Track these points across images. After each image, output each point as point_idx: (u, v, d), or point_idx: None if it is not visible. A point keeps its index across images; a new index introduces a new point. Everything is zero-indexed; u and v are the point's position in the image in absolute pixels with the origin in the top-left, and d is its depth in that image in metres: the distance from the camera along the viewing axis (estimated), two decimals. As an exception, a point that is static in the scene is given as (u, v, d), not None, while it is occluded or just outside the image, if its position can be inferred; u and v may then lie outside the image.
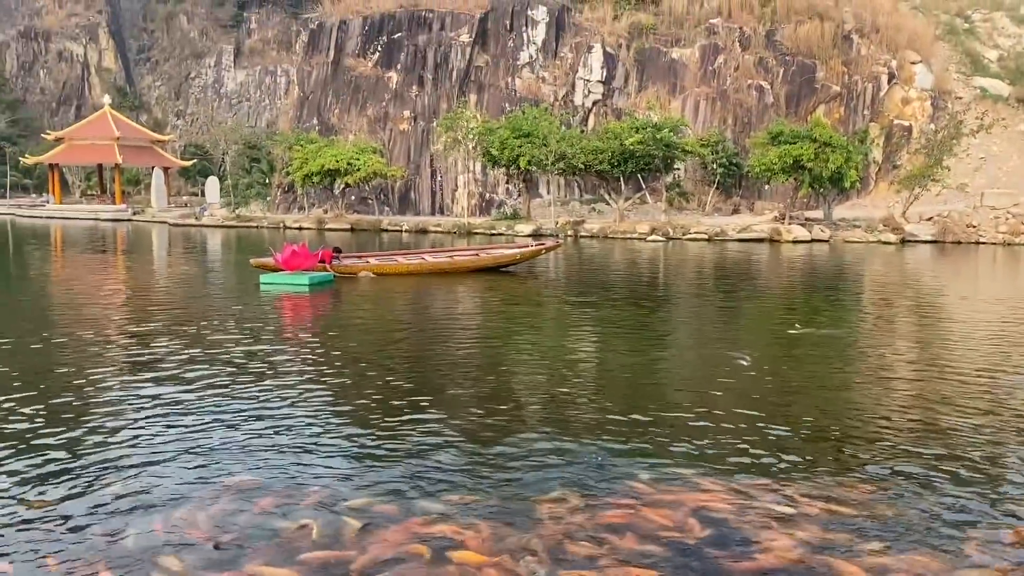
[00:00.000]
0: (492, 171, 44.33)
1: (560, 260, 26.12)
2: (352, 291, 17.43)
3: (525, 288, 18.65)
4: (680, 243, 33.16)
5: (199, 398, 8.45)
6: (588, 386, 9.07)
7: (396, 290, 17.59)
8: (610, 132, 38.15)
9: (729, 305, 15.73)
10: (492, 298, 16.68)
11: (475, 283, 18.90)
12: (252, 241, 35.48)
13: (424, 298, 16.80)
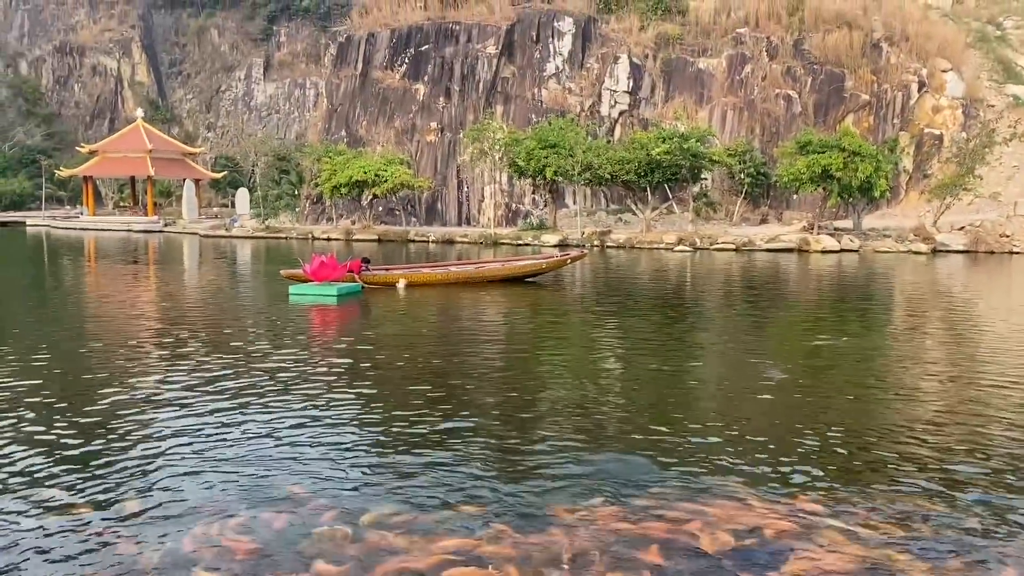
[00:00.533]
0: (518, 182, 44.40)
1: (586, 270, 26.01)
2: (379, 302, 17.48)
3: (551, 298, 18.61)
4: (707, 253, 32.96)
5: (229, 408, 8.52)
6: (614, 397, 9.02)
7: (423, 300, 17.62)
8: (637, 142, 38.08)
9: (757, 316, 15.60)
10: (518, 308, 16.67)
11: (501, 293, 18.89)
12: (281, 252, 35.76)
13: (450, 308, 16.82)
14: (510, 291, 19.31)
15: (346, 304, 17.33)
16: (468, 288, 19.65)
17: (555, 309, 16.66)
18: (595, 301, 17.99)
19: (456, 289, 19.44)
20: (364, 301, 17.80)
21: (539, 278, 21.70)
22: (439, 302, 17.58)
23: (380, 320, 15.17)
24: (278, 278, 20.58)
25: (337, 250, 33.71)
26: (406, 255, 33.08)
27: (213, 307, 16.69)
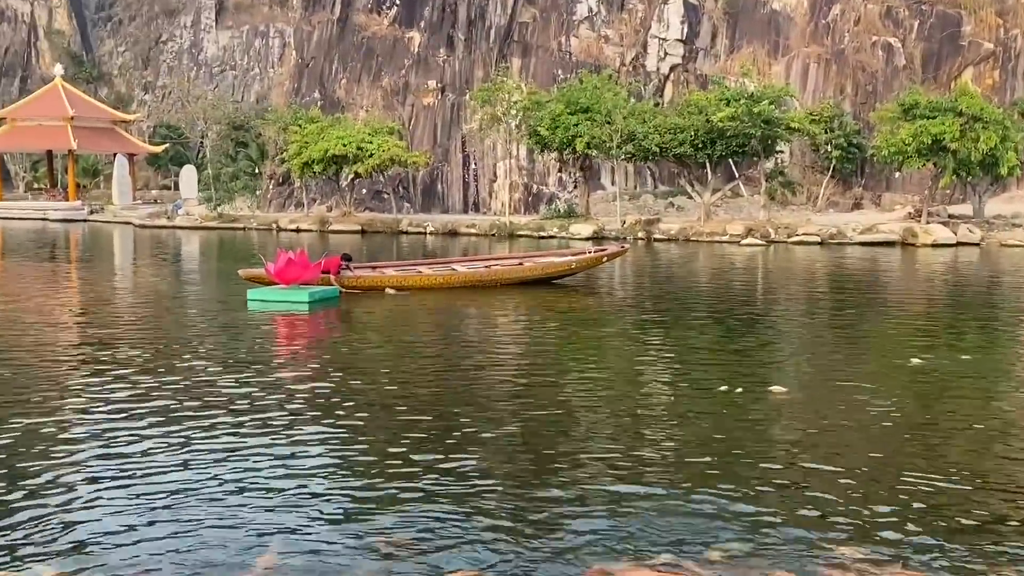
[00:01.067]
0: (541, 157, 44.53)
1: (628, 270, 26.02)
2: (362, 310, 17.55)
3: (582, 306, 18.65)
4: (784, 248, 32.90)
5: (169, 447, 8.55)
6: (660, 429, 9.03)
7: (419, 309, 17.68)
8: (693, 105, 38.12)
9: (849, 329, 15.57)
10: (540, 319, 16.72)
11: (518, 300, 18.92)
12: (238, 246, 35.95)
13: (454, 319, 16.86)
14: (530, 297, 19.34)
15: (320, 313, 17.37)
16: (476, 293, 19.71)
17: (588, 320, 16.67)
18: (639, 309, 17.99)
19: (461, 294, 19.51)
20: (343, 309, 17.84)
21: (567, 280, 21.73)
22: (439, 311, 17.63)
23: (363, 334, 15.23)
24: (234, 280, 20.72)
25: (309, 244, 33.92)
26: (397, 250, 33.19)
27: (151, 317, 16.81)
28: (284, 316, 16.82)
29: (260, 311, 17.21)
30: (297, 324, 16.32)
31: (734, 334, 14.90)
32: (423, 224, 41.55)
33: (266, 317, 16.74)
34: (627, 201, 43.31)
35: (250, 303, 17.88)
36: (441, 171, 48.79)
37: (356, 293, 19.40)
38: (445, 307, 18.00)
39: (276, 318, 16.64)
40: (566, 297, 19.84)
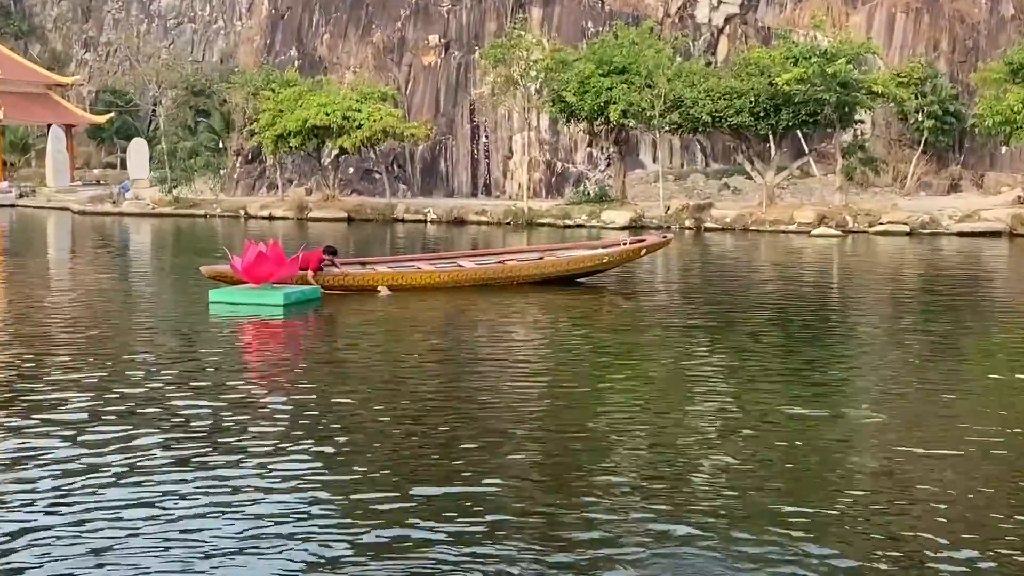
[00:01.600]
0: (566, 128, 44.49)
1: (672, 266, 26.00)
2: (349, 315, 17.59)
3: (616, 310, 18.63)
4: (865, 239, 32.79)
5: (112, 482, 8.58)
6: (711, 459, 9.04)
7: (418, 314, 17.72)
8: (754, 65, 37.98)
9: (943, 339, 15.52)
10: (564, 326, 16.73)
11: (538, 302, 18.92)
12: (199, 237, 36.00)
13: (459, 326, 16.88)
14: (553, 299, 19.35)
15: (297, 318, 17.40)
16: (488, 293, 19.73)
17: (623, 327, 16.67)
18: (686, 314, 17.98)
19: (469, 296, 19.53)
20: (325, 314, 17.88)
21: (598, 278, 21.73)
22: (442, 316, 17.65)
23: (350, 345, 15.26)
24: (195, 278, 20.80)
25: (284, 235, 33.94)
26: (391, 242, 33.20)
27: (91, 325, 16.87)
28: (254, 322, 16.85)
29: (224, 316, 17.25)
30: (269, 332, 16.35)
31: (803, 345, 14.87)
32: (423, 210, 41.61)
33: (232, 323, 16.79)
34: (672, 182, 43.24)
35: (212, 306, 17.92)
36: (445, 146, 48.82)
37: (342, 294, 19.41)
38: (449, 311, 18.02)
39: (244, 325, 16.68)
40: (596, 299, 19.81)
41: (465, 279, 20.45)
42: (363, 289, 19.84)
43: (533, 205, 40.76)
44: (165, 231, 38.24)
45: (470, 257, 22.57)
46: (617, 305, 19.54)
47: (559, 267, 21.16)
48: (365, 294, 19.57)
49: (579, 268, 21.31)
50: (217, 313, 17.50)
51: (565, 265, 21.23)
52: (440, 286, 20.18)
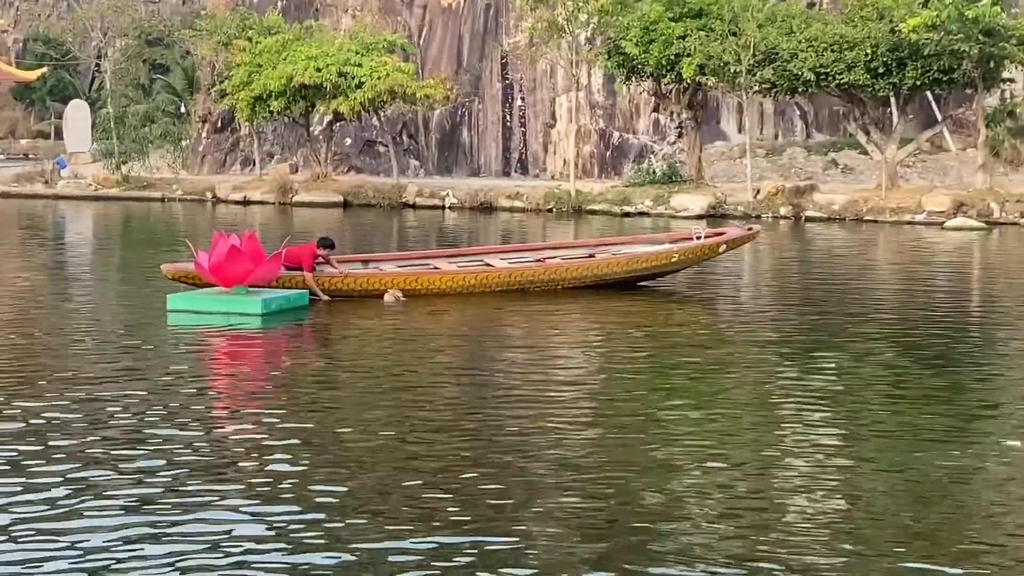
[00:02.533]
0: (626, 88, 44.31)
1: (761, 265, 25.96)
2: (346, 326, 17.59)
3: (688, 322, 18.58)
4: (1016, 232, 32.59)
5: (46, 537, 8.57)
6: (808, 510, 8.97)
7: (433, 326, 17.74)
8: (871, 8, 37.77)
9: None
10: (620, 342, 16.68)
11: (588, 313, 18.88)
12: (154, 227, 36.06)
13: (485, 343, 16.85)
14: (608, 308, 19.33)
15: (279, 331, 17.42)
16: (523, 301, 19.75)
17: (697, 343, 16.62)
18: (778, 327, 17.95)
19: (500, 302, 19.56)
20: (315, 326, 17.90)
21: (665, 281, 21.78)
22: (464, 330, 17.67)
23: (345, 367, 15.22)
24: (152, 278, 20.90)
25: (263, 224, 33.99)
26: (399, 234, 33.22)
27: (17, 340, 16.88)
28: (223, 336, 16.87)
29: (186, 328, 17.28)
30: (243, 349, 16.38)
31: (935, 364, 14.77)
32: (440, 193, 41.68)
33: (195, 338, 16.82)
34: (763, 158, 43.14)
35: (171, 316, 17.96)
36: (469, 111, 48.89)
37: (334, 300, 19.39)
38: (473, 323, 18.01)
39: (210, 340, 16.70)
40: (663, 308, 19.78)
41: (494, 282, 20.40)
42: (364, 294, 19.79)
43: (582, 187, 40.73)
44: (112, 219, 38.43)
45: (500, 254, 22.51)
46: (690, 316, 19.48)
47: (615, 267, 21.11)
48: (365, 300, 19.55)
49: (640, 269, 21.27)
50: (177, 324, 17.50)
51: (623, 265, 21.17)
52: (462, 291, 20.15)
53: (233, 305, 18.11)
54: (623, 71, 40.83)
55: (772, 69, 37.69)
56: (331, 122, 44.63)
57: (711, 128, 44.82)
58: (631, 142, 46.87)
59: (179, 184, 45.86)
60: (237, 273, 18.43)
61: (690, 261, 21.79)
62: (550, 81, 47.54)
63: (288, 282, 19.29)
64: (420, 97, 43.11)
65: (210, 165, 50.12)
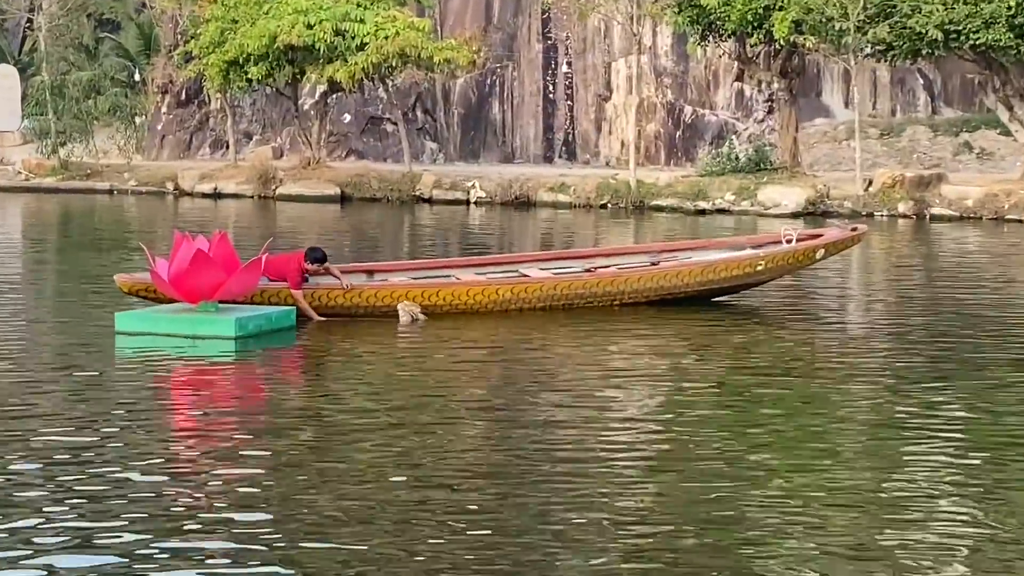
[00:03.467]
0: (700, 51, 44.23)
1: (872, 275, 25.97)
2: (345, 355, 17.64)
3: (778, 346, 18.61)
4: None
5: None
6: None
7: (454, 353, 17.79)
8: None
9: None
10: (695, 371, 16.69)
11: (652, 335, 18.95)
12: (100, 225, 35.95)
13: (521, 378, 16.78)
14: (677, 328, 19.42)
15: (259, 357, 17.52)
16: (570, 321, 19.83)
17: (792, 372, 16.65)
18: (892, 354, 17.97)
19: (539, 323, 19.68)
20: (305, 350, 17.99)
21: (747, 295, 21.98)
22: (494, 355, 17.71)
23: (342, 408, 15.17)
24: (94, 292, 21.06)
25: (236, 222, 33.99)
26: (411, 236, 33.25)
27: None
28: (187, 366, 16.88)
29: (138, 355, 17.31)
30: (210, 383, 16.29)
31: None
32: (464, 184, 41.77)
33: (148, 368, 16.80)
34: (876, 140, 43.09)
35: (120, 340, 18.00)
36: (501, 79, 48.99)
37: (334, 320, 19.48)
38: (504, 349, 18.08)
39: (170, 371, 16.69)
40: (747, 330, 19.83)
41: (532, 297, 20.49)
42: (369, 314, 19.84)
43: (645, 177, 40.81)
44: (46, 216, 38.55)
45: (540, 262, 22.59)
46: (781, 340, 19.46)
47: (685, 279, 21.14)
48: (371, 319, 19.63)
49: (717, 280, 21.32)
50: (126, 352, 17.55)
51: (695, 275, 21.20)
52: (491, 309, 20.24)
53: (199, 326, 18.09)
54: (698, 28, 40.86)
55: (888, 26, 37.58)
56: (325, 94, 44.74)
57: (810, 102, 44.81)
58: (707, 119, 46.91)
59: (132, 172, 46.00)
60: (204, 285, 18.33)
61: (779, 270, 21.84)
62: (604, 42, 47.63)
63: (271, 297, 19.35)
64: (439, 62, 43.10)
65: (172, 148, 50.36)
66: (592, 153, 47.65)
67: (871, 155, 40.97)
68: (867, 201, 36.91)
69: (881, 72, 45.25)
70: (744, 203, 37.67)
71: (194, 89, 49.67)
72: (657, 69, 47.31)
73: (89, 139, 48.62)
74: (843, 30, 37.58)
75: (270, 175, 43.34)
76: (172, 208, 39.46)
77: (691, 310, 20.68)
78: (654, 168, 43.72)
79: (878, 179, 38.10)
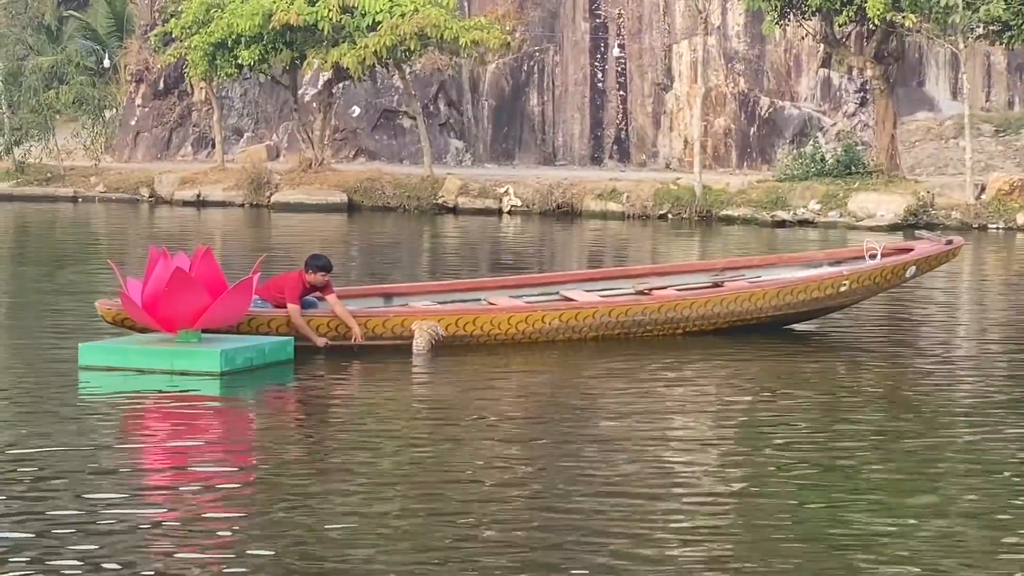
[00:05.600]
0: (779, 32, 44.25)
1: (980, 296, 26.13)
2: (348, 394, 17.66)
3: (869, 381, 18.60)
4: None
5: None
6: None
7: (481, 386, 17.78)
8: None
9: None
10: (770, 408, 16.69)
11: (719, 367, 19.04)
12: (61, 237, 36.11)
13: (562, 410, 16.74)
14: (748, 360, 19.47)
15: (249, 397, 17.52)
16: (621, 353, 19.83)
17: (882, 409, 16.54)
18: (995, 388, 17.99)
19: (585, 355, 19.73)
20: (303, 389, 17.96)
21: (830, 319, 22.10)
22: (531, 392, 17.68)
23: (352, 452, 15.14)
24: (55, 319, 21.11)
25: (225, 235, 34.06)
26: (432, 251, 33.29)
27: None
28: (163, 407, 16.83)
29: (107, 394, 17.27)
30: (191, 427, 16.25)
31: None
32: (495, 190, 41.81)
33: (118, 410, 16.80)
34: (990, 138, 43.08)
35: (85, 376, 17.95)
36: (540, 66, 49.10)
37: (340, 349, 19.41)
38: (550, 390, 18.01)
39: (143, 413, 16.67)
40: (830, 360, 19.87)
41: (584, 326, 20.50)
42: (384, 342, 19.71)
43: (713, 181, 40.87)
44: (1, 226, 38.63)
45: (584, 282, 22.65)
46: (870, 371, 19.48)
47: (759, 302, 21.19)
48: (385, 348, 19.56)
49: (796, 304, 21.39)
50: (92, 389, 17.50)
51: (771, 298, 21.26)
52: (528, 338, 20.24)
53: (178, 360, 17.99)
54: (776, 4, 40.87)
55: (1004, 1, 37.59)
56: (330, 82, 44.90)
57: (911, 92, 44.82)
58: (788, 113, 46.95)
59: (100, 176, 46.25)
60: (185, 311, 18.21)
61: (865, 291, 21.93)
62: (664, 20, 47.75)
63: (260, 326, 19.26)
64: (465, 44, 43.22)
65: (147, 147, 50.60)
66: (649, 154, 47.74)
67: (984, 156, 40.93)
68: (979, 211, 36.88)
69: (996, 57, 45.22)
70: (831, 213, 37.66)
71: (174, 77, 49.88)
72: (727, 53, 47.38)
73: (49, 137, 48.79)
74: (950, 6, 37.54)
75: (264, 179, 43.49)
76: (147, 218, 39.57)
77: (764, 338, 20.77)
78: (723, 171, 43.80)
79: (992, 185, 38.05)
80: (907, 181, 39.46)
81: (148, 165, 47.80)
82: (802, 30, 43.33)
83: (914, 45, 43.74)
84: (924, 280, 23.47)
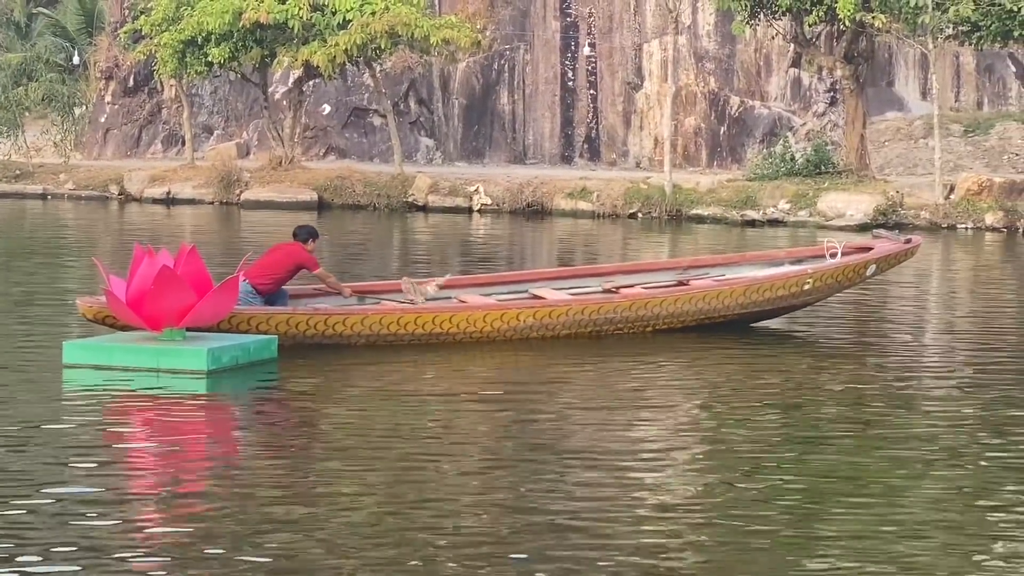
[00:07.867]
0: (749, 31, 44.24)
1: (943, 295, 26.09)
2: (335, 389, 17.79)
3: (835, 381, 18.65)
4: None
5: None
6: None
7: (461, 392, 17.94)
8: None
9: None
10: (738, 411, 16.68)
11: (684, 366, 19.21)
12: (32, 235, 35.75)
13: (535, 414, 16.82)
14: (713, 360, 19.63)
15: (235, 395, 17.61)
16: (589, 350, 20.08)
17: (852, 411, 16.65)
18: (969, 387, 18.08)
19: (554, 352, 19.92)
20: (290, 386, 18.11)
21: (793, 317, 22.31)
22: (504, 400, 17.71)
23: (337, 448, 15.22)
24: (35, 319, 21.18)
25: (196, 233, 34.02)
26: (402, 249, 33.34)
27: None
28: (148, 407, 16.77)
29: (91, 393, 17.22)
30: (176, 427, 15.98)
31: None
32: (466, 188, 42.15)
33: (100, 411, 16.71)
34: (959, 138, 43.26)
35: (69, 374, 17.89)
36: (510, 64, 49.24)
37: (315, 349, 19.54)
38: (518, 386, 18.21)
39: (127, 413, 16.68)
40: (794, 360, 20.08)
41: (551, 323, 20.68)
42: (355, 342, 19.93)
43: (683, 181, 41.09)
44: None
45: (551, 280, 22.89)
46: (838, 371, 19.65)
47: (726, 300, 21.43)
48: (361, 348, 19.76)
49: (762, 302, 21.64)
50: (75, 388, 17.46)
51: (736, 296, 21.50)
52: (499, 336, 20.44)
53: (163, 358, 17.84)
54: (746, 4, 41.09)
55: (974, 2, 37.65)
56: (300, 80, 44.87)
57: (880, 92, 45.03)
58: (758, 113, 47.13)
59: (70, 173, 46.06)
60: (171, 309, 18.01)
61: (827, 289, 22.19)
62: (634, 19, 47.84)
63: (241, 324, 19.27)
64: (436, 43, 43.25)
65: (117, 145, 50.57)
66: (619, 153, 47.86)
67: (953, 156, 41.21)
68: (948, 211, 37.23)
69: (965, 57, 45.40)
70: (801, 213, 38.03)
71: (144, 75, 49.89)
72: (698, 52, 47.54)
73: (19, 134, 48.66)
74: (920, 7, 37.73)
75: (234, 177, 43.67)
76: (117, 216, 39.53)
77: (728, 336, 21.06)
78: (694, 171, 43.96)
79: (961, 185, 38.36)
80: (876, 181, 39.77)
81: (118, 163, 47.76)
82: (772, 30, 43.61)
83: (884, 45, 43.99)
84: (892, 280, 23.78)
